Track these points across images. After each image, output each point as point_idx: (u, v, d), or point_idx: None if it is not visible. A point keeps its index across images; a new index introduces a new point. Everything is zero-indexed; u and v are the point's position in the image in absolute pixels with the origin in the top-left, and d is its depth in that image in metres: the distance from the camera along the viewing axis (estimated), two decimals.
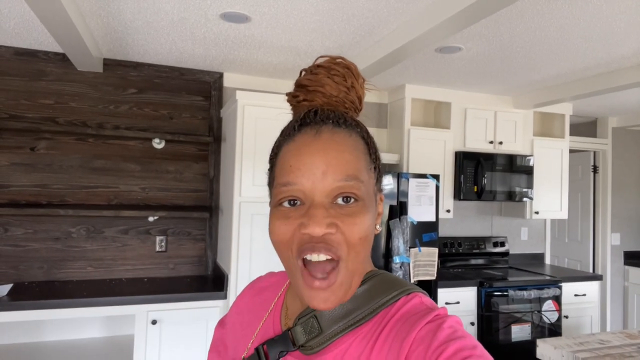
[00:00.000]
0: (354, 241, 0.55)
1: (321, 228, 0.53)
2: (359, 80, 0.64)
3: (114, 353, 2.60)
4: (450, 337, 0.51)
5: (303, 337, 0.60)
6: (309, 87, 0.63)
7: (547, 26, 2.25)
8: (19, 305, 2.34)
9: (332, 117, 0.59)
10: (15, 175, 2.79)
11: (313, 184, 0.55)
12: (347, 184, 0.55)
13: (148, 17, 2.26)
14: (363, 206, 0.56)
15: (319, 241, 0.54)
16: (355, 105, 0.64)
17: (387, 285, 0.61)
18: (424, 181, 3.06)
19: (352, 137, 0.59)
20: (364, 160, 0.59)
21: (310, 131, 0.58)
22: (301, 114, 0.61)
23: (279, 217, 0.57)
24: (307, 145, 0.57)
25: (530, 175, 3.73)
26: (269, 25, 2.32)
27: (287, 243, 0.56)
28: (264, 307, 0.72)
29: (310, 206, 0.55)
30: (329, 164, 0.55)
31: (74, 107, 2.91)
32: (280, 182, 0.57)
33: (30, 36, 2.60)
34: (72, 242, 2.89)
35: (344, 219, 0.55)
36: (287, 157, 0.58)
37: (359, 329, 0.58)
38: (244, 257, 2.64)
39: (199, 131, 3.18)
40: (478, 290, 3.29)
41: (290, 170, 0.56)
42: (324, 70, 0.62)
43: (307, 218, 0.54)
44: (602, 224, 4.55)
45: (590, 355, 1.77)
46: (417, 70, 3.08)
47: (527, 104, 3.64)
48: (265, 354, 0.62)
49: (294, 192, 0.56)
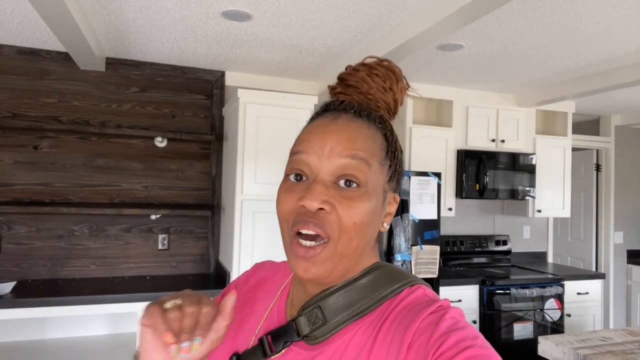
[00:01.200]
0: (347, 225, 0.56)
1: (316, 202, 0.55)
2: (399, 84, 0.65)
3: (117, 350, 2.61)
4: (452, 327, 0.51)
5: (307, 327, 0.60)
6: (347, 82, 0.65)
7: (549, 24, 2.24)
8: (22, 302, 2.35)
9: (356, 108, 0.62)
10: (19, 173, 2.81)
11: (319, 159, 0.57)
12: (352, 162, 0.57)
13: (150, 15, 2.27)
14: (365, 193, 0.57)
15: (312, 216, 0.56)
16: (390, 107, 0.65)
17: (390, 277, 0.61)
18: (425, 179, 3.06)
19: (370, 129, 0.60)
20: (378, 152, 0.60)
21: (329, 116, 0.61)
22: (326, 103, 0.65)
23: (285, 189, 0.60)
24: (323, 126, 0.60)
25: (533, 174, 3.73)
26: (271, 23, 2.32)
27: (287, 215, 0.59)
28: (268, 297, 0.72)
29: (312, 181, 0.57)
30: (337, 143, 0.57)
31: (76, 105, 2.93)
32: (292, 151, 0.61)
33: (33, 35, 2.61)
34: (75, 240, 2.90)
35: (342, 200, 0.56)
36: (303, 133, 0.62)
37: (363, 319, 0.59)
38: (246, 255, 2.65)
39: (201, 130, 3.19)
40: (480, 288, 3.29)
41: (300, 142, 0.60)
42: (366, 68, 0.64)
43: (306, 192, 0.56)
44: (605, 223, 4.54)
45: (591, 352, 1.77)
46: (418, 68, 3.08)
47: (530, 102, 3.64)
48: (270, 345, 0.62)
49: (300, 163, 0.59)
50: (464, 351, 0.48)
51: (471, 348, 0.48)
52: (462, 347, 0.48)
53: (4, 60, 2.79)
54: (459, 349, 0.48)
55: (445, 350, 0.49)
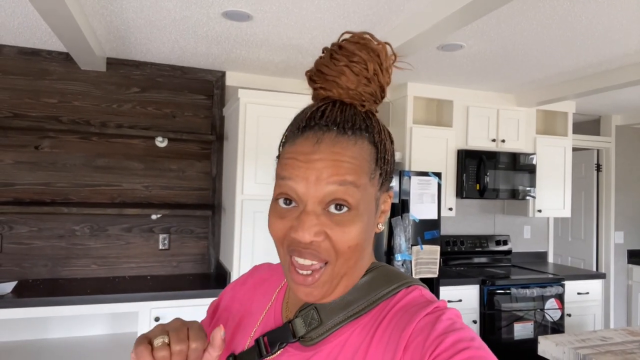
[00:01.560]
0: (343, 249, 0.55)
1: (309, 235, 0.54)
2: (383, 64, 0.60)
3: (117, 350, 2.62)
4: (448, 328, 0.51)
5: (303, 328, 0.60)
6: (327, 76, 0.60)
7: (550, 23, 2.24)
8: (23, 302, 2.36)
9: (338, 122, 0.57)
10: (20, 173, 2.81)
11: (306, 188, 0.55)
12: (339, 188, 0.54)
13: (150, 15, 2.27)
14: (356, 215, 0.56)
15: (306, 247, 0.55)
16: (376, 96, 0.61)
17: (387, 278, 0.61)
18: (426, 179, 3.06)
19: (356, 145, 0.57)
20: (367, 167, 0.57)
21: (312, 137, 0.57)
22: (307, 113, 0.59)
23: (275, 214, 0.58)
24: (306, 153, 0.56)
25: (533, 174, 3.73)
26: (271, 23, 2.32)
27: (281, 240, 0.58)
28: (265, 299, 0.72)
29: (302, 212, 0.55)
30: (323, 169, 0.55)
31: (77, 106, 2.93)
32: (278, 174, 0.59)
33: (34, 35, 2.62)
34: (76, 240, 2.91)
35: (334, 227, 0.55)
36: (287, 156, 0.58)
37: (359, 320, 0.59)
38: (246, 255, 2.65)
39: (202, 130, 3.19)
40: (480, 288, 3.29)
41: (285, 167, 0.57)
42: (344, 56, 0.58)
43: (297, 223, 0.55)
44: (605, 223, 4.54)
45: (591, 352, 1.77)
46: (419, 68, 3.08)
47: (530, 101, 3.64)
48: (266, 346, 0.63)
49: (288, 189, 0.56)
50: (460, 352, 0.48)
51: (468, 350, 0.48)
52: (458, 348, 0.48)
53: (5, 61, 2.80)
54: (455, 350, 0.48)
55: (442, 351, 0.49)
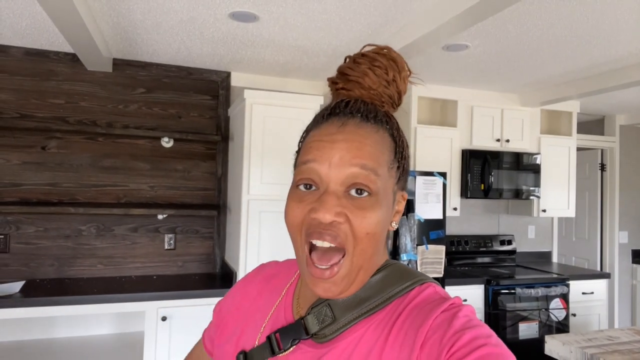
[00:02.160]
0: (361, 235, 0.55)
1: (330, 215, 0.54)
2: (402, 73, 0.63)
3: (124, 349, 2.63)
4: (465, 325, 0.51)
5: (316, 325, 0.60)
6: (349, 77, 0.63)
7: (555, 23, 2.25)
8: (31, 301, 2.37)
9: (362, 111, 0.60)
10: (27, 173, 2.83)
11: (329, 168, 0.56)
12: (362, 172, 0.55)
13: (157, 16, 2.28)
14: (376, 201, 0.56)
15: (327, 228, 0.55)
16: (394, 100, 0.63)
17: (400, 275, 0.61)
18: (431, 179, 3.07)
19: (378, 133, 0.59)
20: (387, 156, 0.59)
21: (336, 122, 0.59)
22: (332, 104, 0.62)
23: (294, 198, 0.58)
24: (331, 134, 0.58)
25: (538, 173, 3.73)
26: (277, 24, 2.33)
27: (298, 226, 0.58)
28: (274, 295, 0.71)
29: (323, 192, 0.56)
30: (347, 151, 0.56)
31: (84, 106, 2.95)
32: (300, 160, 0.59)
33: (42, 36, 2.63)
34: (82, 240, 2.92)
35: (354, 211, 0.55)
36: (310, 140, 0.60)
37: (373, 317, 0.59)
38: (252, 255, 2.66)
39: (207, 130, 3.20)
40: (485, 288, 3.29)
41: (309, 150, 0.59)
42: (367, 60, 0.62)
43: (318, 203, 0.55)
44: (609, 222, 4.53)
45: (598, 351, 1.77)
46: (423, 68, 3.09)
47: (534, 101, 3.64)
48: (278, 342, 0.62)
49: (310, 172, 0.57)
50: (478, 349, 0.48)
51: (485, 346, 0.48)
52: (476, 345, 0.48)
53: (12, 62, 2.82)
54: (472, 347, 0.48)
55: (459, 348, 0.49)
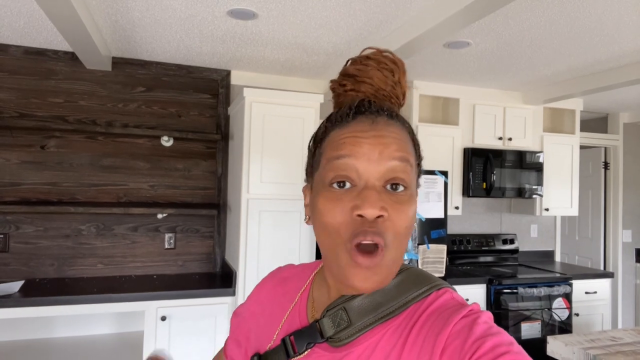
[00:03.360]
0: (401, 230, 0.55)
1: (376, 209, 0.53)
2: (404, 75, 0.65)
3: (124, 349, 2.62)
4: (486, 332, 0.50)
5: (331, 329, 0.59)
6: (358, 77, 0.63)
7: (557, 20, 2.22)
8: (30, 301, 2.36)
9: (386, 110, 0.61)
10: (26, 173, 2.82)
11: (368, 164, 0.55)
12: (400, 165, 0.56)
13: (156, 14, 2.27)
14: (411, 195, 0.57)
15: (371, 225, 0.53)
16: (400, 100, 0.65)
17: (417, 280, 0.61)
18: (432, 177, 3.05)
19: (402, 131, 0.60)
20: (413, 151, 0.60)
21: (366, 120, 0.58)
22: (355, 102, 0.61)
23: (329, 198, 0.56)
24: (365, 131, 0.57)
25: (540, 172, 3.70)
26: (276, 21, 2.31)
27: (338, 226, 0.55)
28: (288, 298, 0.71)
29: (363, 188, 0.55)
30: (386, 146, 0.56)
31: (83, 105, 2.94)
32: (332, 155, 0.57)
33: (40, 35, 2.62)
34: (82, 240, 2.91)
35: (394, 205, 0.55)
36: (341, 137, 0.58)
37: (389, 322, 0.58)
38: (252, 254, 2.65)
39: (207, 129, 3.19)
40: (487, 287, 3.27)
41: (343, 145, 0.57)
42: (373, 62, 0.63)
43: (362, 200, 0.53)
44: (613, 221, 4.50)
45: (601, 352, 1.75)
46: (425, 66, 3.07)
47: (537, 99, 3.61)
48: (292, 345, 0.61)
49: (347, 168, 0.55)
50: (500, 357, 0.47)
51: (508, 354, 0.47)
52: (498, 352, 0.48)
53: (11, 61, 2.81)
54: (495, 354, 0.48)
55: (481, 355, 0.48)
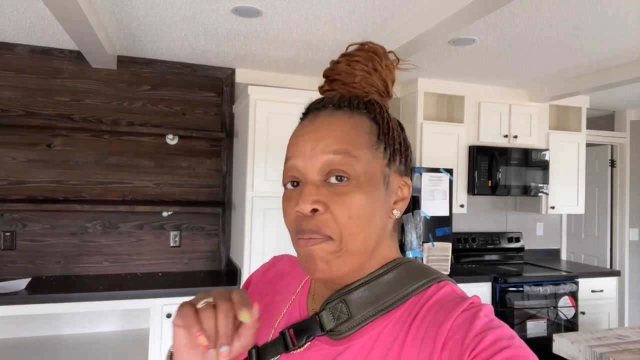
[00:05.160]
0: (343, 220, 0.55)
1: (308, 204, 0.55)
2: (383, 62, 0.64)
3: (130, 346, 2.64)
4: (487, 326, 0.50)
5: (331, 322, 0.59)
6: (330, 77, 0.65)
7: (564, 16, 2.20)
8: (37, 298, 2.38)
9: (335, 101, 0.61)
10: (33, 171, 2.84)
11: (304, 160, 0.57)
12: (336, 157, 0.56)
13: (160, 12, 2.27)
14: (356, 185, 0.56)
15: (309, 220, 0.56)
16: (378, 88, 0.64)
17: (417, 272, 0.60)
18: (437, 175, 3.04)
19: (352, 118, 0.59)
20: (366, 138, 0.59)
21: (310, 117, 0.62)
22: (307, 105, 0.64)
23: (285, 199, 0.60)
24: (302, 128, 0.60)
25: (546, 170, 3.68)
26: (281, 19, 2.31)
27: (292, 225, 0.59)
28: (288, 291, 0.71)
29: (303, 185, 0.57)
30: (317, 141, 0.57)
31: (88, 104, 2.95)
32: (285, 159, 0.62)
33: (46, 34, 2.63)
34: (88, 237, 2.93)
35: (333, 197, 0.56)
36: (289, 141, 0.62)
37: (390, 314, 0.58)
38: (257, 252, 2.65)
39: (212, 127, 3.20)
40: (492, 285, 3.25)
41: (288, 150, 0.61)
42: (345, 58, 0.64)
43: (297, 196, 0.57)
44: (619, 219, 4.47)
45: (608, 350, 1.74)
46: (430, 64, 3.05)
47: (543, 96, 3.58)
48: (292, 338, 0.61)
49: (291, 169, 0.59)
50: (501, 351, 0.47)
51: (509, 348, 0.47)
52: (499, 347, 0.48)
53: (17, 59, 2.82)
54: (496, 349, 0.47)
55: (482, 349, 0.48)
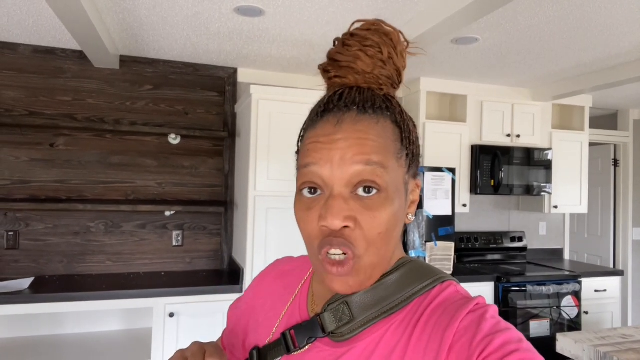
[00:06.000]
0: (373, 237, 0.53)
1: (339, 221, 0.51)
2: (397, 48, 0.58)
3: (132, 345, 2.64)
4: (494, 328, 0.49)
5: (333, 323, 0.57)
6: (341, 63, 0.58)
7: (567, 15, 2.19)
8: (40, 297, 2.38)
9: (358, 102, 0.56)
10: (35, 171, 2.84)
11: (332, 171, 0.53)
12: (367, 168, 0.52)
13: (163, 12, 2.27)
14: (386, 198, 0.53)
15: (337, 235, 0.52)
16: (393, 79, 0.59)
17: (420, 273, 0.59)
18: (439, 175, 3.03)
19: (379, 124, 0.55)
20: (392, 147, 0.55)
21: (332, 119, 0.55)
22: (325, 98, 0.59)
23: (302, 207, 0.56)
24: (328, 134, 0.55)
25: (549, 169, 3.67)
26: (283, 18, 2.31)
27: (312, 237, 0.55)
28: (288, 292, 0.70)
29: (329, 197, 0.53)
30: (348, 150, 0.53)
31: (91, 103, 2.95)
32: (301, 163, 0.57)
33: (49, 34, 2.64)
34: (91, 237, 2.93)
35: (363, 212, 0.53)
36: (308, 142, 0.57)
37: (393, 316, 0.56)
38: (259, 251, 2.65)
39: (214, 126, 3.20)
40: (495, 285, 3.25)
41: (308, 153, 0.56)
42: (357, 41, 0.57)
43: (325, 210, 0.52)
44: (623, 219, 4.45)
45: (612, 350, 1.73)
46: (432, 63, 3.05)
47: (546, 96, 3.57)
48: (293, 340, 0.60)
49: (312, 176, 0.54)
50: (510, 355, 0.46)
51: (517, 352, 0.47)
52: (508, 350, 0.47)
53: (20, 59, 2.83)
54: (505, 352, 0.47)
55: (491, 353, 0.47)
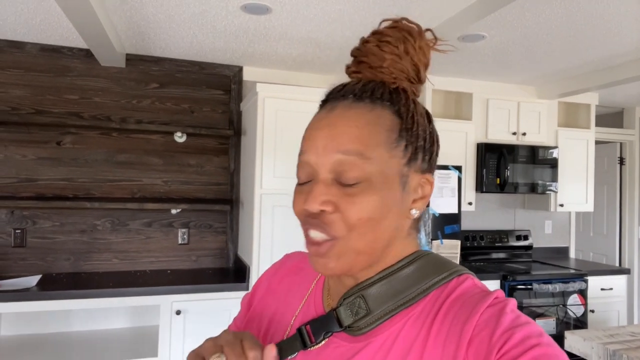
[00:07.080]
0: (353, 221, 0.53)
1: (316, 204, 0.53)
2: (417, 44, 0.59)
3: (139, 342, 2.65)
4: (515, 322, 0.49)
5: (350, 317, 0.57)
6: (358, 59, 0.60)
7: (574, 12, 2.19)
8: (47, 295, 2.40)
9: (356, 91, 0.57)
10: (42, 169, 2.86)
11: (316, 157, 0.55)
12: (346, 158, 0.53)
13: (170, 10, 2.28)
14: (368, 187, 0.53)
15: (315, 217, 0.54)
16: (408, 73, 0.59)
17: (437, 266, 0.59)
18: (445, 172, 3.03)
19: (373, 112, 0.55)
20: (384, 136, 0.55)
21: (327, 107, 0.58)
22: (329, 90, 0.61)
23: (297, 191, 0.59)
24: (318, 120, 0.57)
25: (555, 167, 3.65)
26: (290, 16, 2.31)
27: (300, 217, 0.58)
28: (303, 287, 0.70)
29: (313, 182, 0.56)
30: (330, 138, 0.54)
31: (98, 102, 2.96)
32: (299, 152, 0.59)
33: (56, 32, 2.65)
34: (97, 235, 2.94)
35: (343, 198, 0.53)
36: (305, 132, 0.59)
37: (410, 309, 0.56)
38: (265, 249, 2.66)
39: (220, 125, 3.20)
40: (501, 283, 3.24)
41: (302, 143, 0.58)
42: (375, 37, 0.59)
43: (307, 194, 0.55)
44: (629, 217, 4.43)
45: (621, 347, 1.73)
46: (438, 61, 3.03)
47: (552, 93, 3.56)
48: (309, 335, 0.59)
49: (303, 164, 0.57)
50: (531, 349, 0.46)
51: (538, 347, 0.46)
52: (528, 345, 0.46)
53: (27, 57, 2.84)
54: (525, 347, 0.46)
55: (511, 347, 0.47)
